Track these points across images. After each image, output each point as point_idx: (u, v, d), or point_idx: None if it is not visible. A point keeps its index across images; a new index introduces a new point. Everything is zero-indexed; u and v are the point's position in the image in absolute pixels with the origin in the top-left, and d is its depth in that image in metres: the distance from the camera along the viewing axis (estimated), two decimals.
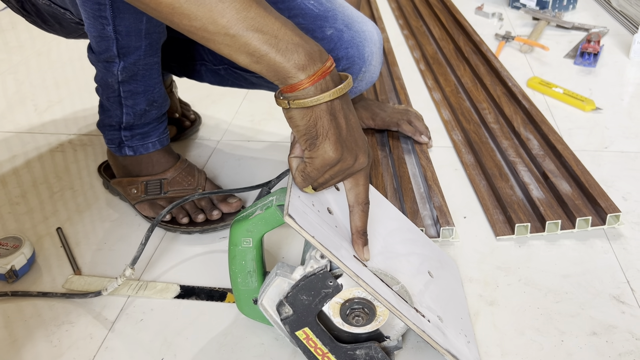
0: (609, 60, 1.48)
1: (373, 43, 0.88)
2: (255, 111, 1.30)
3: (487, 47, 1.48)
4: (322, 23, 0.85)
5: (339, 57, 0.86)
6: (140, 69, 0.82)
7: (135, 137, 0.91)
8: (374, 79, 0.93)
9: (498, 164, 1.04)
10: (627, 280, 0.81)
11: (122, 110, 0.87)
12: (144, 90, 0.86)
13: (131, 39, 0.77)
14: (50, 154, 1.16)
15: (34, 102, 1.37)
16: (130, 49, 0.79)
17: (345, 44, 0.85)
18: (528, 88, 1.34)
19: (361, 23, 0.88)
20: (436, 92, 1.34)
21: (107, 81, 0.84)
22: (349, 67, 0.87)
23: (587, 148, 1.11)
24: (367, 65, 0.88)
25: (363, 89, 0.93)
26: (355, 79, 0.89)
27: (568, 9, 1.81)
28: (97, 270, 0.86)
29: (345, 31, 0.86)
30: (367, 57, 0.87)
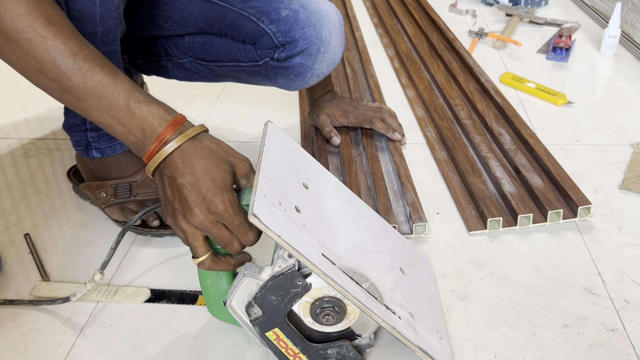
0: (581, 55, 1.49)
1: (331, 23, 0.87)
2: (229, 112, 1.29)
3: (460, 44, 1.49)
4: (277, 4, 0.85)
5: (296, 38, 0.85)
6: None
7: (102, 138, 0.89)
8: (335, 60, 0.91)
9: (471, 160, 1.04)
10: (598, 271, 0.82)
11: None
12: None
13: (86, 25, 0.75)
14: (17, 159, 1.14)
15: (2, 107, 1.34)
16: (86, 36, 0.76)
17: (302, 24, 0.85)
18: (501, 83, 1.35)
19: (318, 3, 0.87)
20: (410, 90, 1.34)
21: None
22: (307, 47, 0.86)
23: (559, 142, 1.12)
24: (325, 45, 0.87)
25: (325, 71, 0.91)
26: (315, 60, 0.88)
27: (540, 5, 1.82)
28: (66, 276, 0.84)
29: (301, 11, 0.85)
30: (324, 36, 0.86)
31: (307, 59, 0.87)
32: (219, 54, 0.93)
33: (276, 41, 0.86)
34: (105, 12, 0.75)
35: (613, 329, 0.73)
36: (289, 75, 0.89)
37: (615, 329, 0.73)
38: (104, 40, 0.78)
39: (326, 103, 1.10)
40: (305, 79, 0.90)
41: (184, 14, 0.91)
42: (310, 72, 0.89)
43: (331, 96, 1.11)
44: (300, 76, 0.89)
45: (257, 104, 1.31)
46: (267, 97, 1.34)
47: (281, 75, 0.90)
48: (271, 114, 1.27)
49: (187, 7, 0.90)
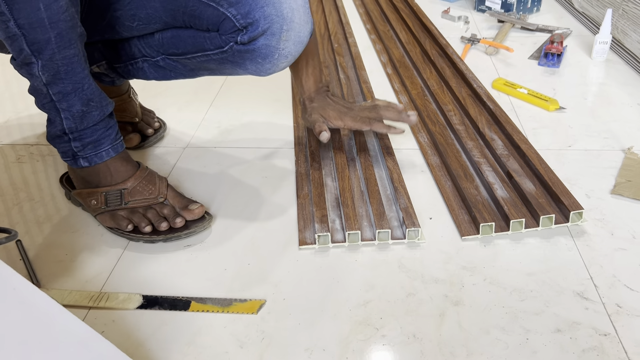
0: (572, 61, 1.50)
1: (293, 0, 0.86)
2: (222, 117, 1.29)
3: (452, 50, 1.50)
4: None
5: (257, 18, 0.83)
6: (59, 65, 0.80)
7: (87, 147, 0.89)
8: (302, 38, 0.89)
9: (463, 165, 1.04)
10: (590, 276, 0.82)
11: (60, 115, 0.85)
12: (73, 89, 0.84)
13: (37, 32, 0.76)
14: (9, 165, 1.13)
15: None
16: (41, 43, 0.77)
17: (261, 3, 0.83)
18: (493, 89, 1.36)
19: None
20: (403, 95, 1.35)
21: (36, 87, 0.83)
22: (269, 27, 0.84)
23: (551, 147, 1.13)
24: (288, 22, 0.85)
25: (293, 51, 0.89)
26: (279, 39, 0.86)
27: (532, 12, 1.83)
28: (58, 283, 0.84)
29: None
30: (286, 14, 0.84)
31: (271, 39, 0.85)
32: (187, 45, 0.93)
33: (237, 24, 0.84)
34: (53, 16, 0.76)
35: (605, 334, 0.73)
36: (256, 59, 0.88)
37: (608, 334, 0.73)
38: (59, 46, 0.79)
39: (319, 103, 1.06)
40: (273, 60, 0.88)
41: (148, 11, 0.91)
42: (276, 52, 0.87)
43: (324, 95, 1.07)
44: (267, 58, 0.87)
45: (250, 109, 1.31)
46: (261, 102, 1.34)
47: (249, 60, 0.88)
48: (264, 119, 1.27)
49: (149, 3, 0.90)
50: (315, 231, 0.90)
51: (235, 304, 0.78)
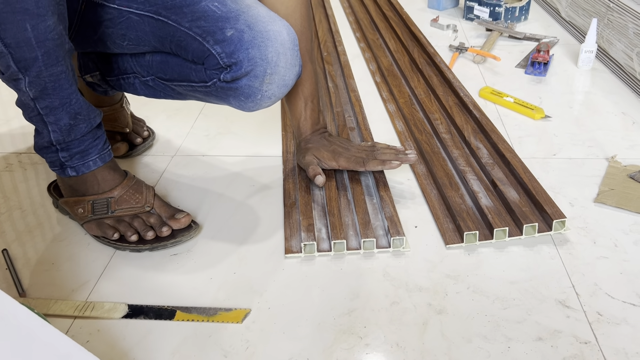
0: (559, 69, 1.52)
1: (279, 43, 0.85)
2: (211, 125, 1.29)
3: (440, 59, 1.51)
4: (223, 24, 0.83)
5: (240, 59, 0.82)
6: (47, 81, 0.81)
7: (75, 157, 0.89)
8: (287, 81, 0.89)
9: (449, 173, 1.05)
10: (572, 284, 0.83)
11: (48, 128, 0.86)
12: (60, 104, 0.84)
13: (23, 51, 0.76)
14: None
15: None
16: (27, 61, 0.78)
17: (246, 44, 0.82)
18: (480, 98, 1.37)
19: (266, 23, 0.84)
20: (391, 104, 1.36)
21: (23, 101, 0.83)
22: (252, 69, 0.83)
23: (536, 155, 1.14)
24: (272, 66, 0.84)
25: (277, 93, 0.89)
26: (262, 82, 0.85)
27: (520, 20, 1.85)
28: (44, 292, 0.84)
29: (247, 31, 0.83)
30: (270, 57, 0.84)
31: (254, 81, 0.85)
32: (174, 73, 0.93)
33: (221, 62, 0.84)
34: (40, 36, 0.76)
35: (586, 342, 0.74)
36: (239, 97, 0.87)
37: (588, 342, 0.74)
38: (46, 64, 0.79)
39: (314, 144, 1.03)
40: (255, 100, 0.87)
41: (138, 33, 0.90)
42: (259, 94, 0.86)
43: (320, 136, 1.04)
44: (250, 97, 0.87)
45: (239, 117, 1.32)
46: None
47: (232, 97, 0.88)
48: (253, 128, 1.28)
49: (140, 26, 0.90)
50: (301, 240, 0.91)
51: (220, 313, 0.79)
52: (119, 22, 0.91)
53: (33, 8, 0.74)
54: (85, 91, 1.09)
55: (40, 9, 0.74)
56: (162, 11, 0.87)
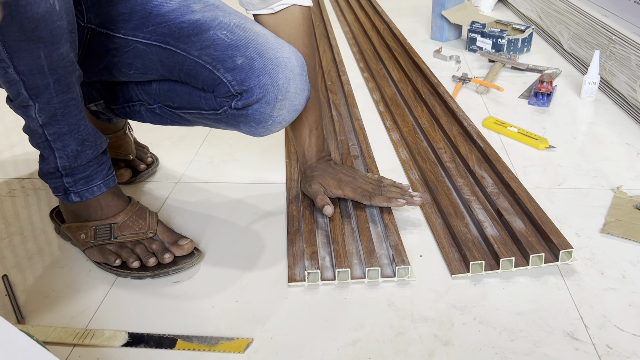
0: (562, 100, 1.52)
1: (289, 69, 0.85)
2: (215, 152, 1.29)
3: (444, 89, 1.52)
4: (233, 52, 0.83)
5: (252, 86, 0.83)
6: (57, 108, 0.81)
7: (79, 183, 0.89)
8: (297, 106, 0.89)
9: (454, 202, 1.04)
10: (580, 316, 0.81)
11: (55, 154, 0.86)
12: (69, 130, 0.84)
13: (36, 78, 0.76)
14: (1, 198, 1.13)
15: None
16: (39, 88, 0.78)
17: (257, 72, 0.83)
18: (484, 128, 1.37)
19: (276, 50, 0.85)
20: (394, 133, 1.36)
21: (31, 127, 0.83)
22: (263, 95, 0.84)
23: (541, 185, 1.13)
24: (283, 92, 0.85)
25: (287, 118, 0.89)
26: (274, 107, 0.85)
27: (523, 52, 1.87)
28: (43, 319, 0.83)
29: (257, 59, 0.83)
30: (281, 84, 0.84)
31: (265, 107, 0.85)
32: (183, 101, 0.93)
33: (232, 90, 0.84)
34: (53, 63, 0.76)
35: None
36: (249, 123, 0.87)
37: None
38: (58, 90, 0.79)
39: (320, 172, 1.03)
40: (266, 126, 0.88)
41: (145, 62, 0.91)
42: (270, 119, 0.87)
43: (325, 164, 1.04)
44: (261, 123, 0.87)
45: (243, 145, 1.32)
46: (254, 138, 1.35)
47: (242, 123, 0.88)
48: (257, 155, 1.28)
49: (147, 55, 0.90)
50: (305, 268, 0.89)
51: (222, 343, 0.78)
52: (125, 51, 0.91)
53: (48, 36, 0.74)
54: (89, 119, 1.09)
55: (54, 37, 0.75)
56: (169, 40, 0.88)
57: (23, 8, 0.69)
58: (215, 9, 0.91)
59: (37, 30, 0.72)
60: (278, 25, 0.96)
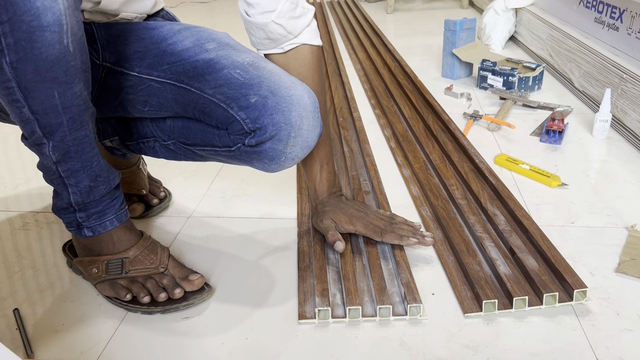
0: (574, 138, 1.52)
1: (302, 107, 0.87)
2: (227, 187, 1.30)
3: (455, 126, 1.53)
4: (247, 91, 0.85)
5: (265, 124, 0.84)
6: (70, 145, 0.82)
7: (92, 217, 0.90)
8: (309, 142, 0.90)
9: (466, 240, 1.04)
10: (596, 358, 0.80)
11: (68, 190, 0.87)
12: (82, 167, 0.85)
13: (50, 117, 0.78)
14: (15, 232, 1.14)
15: (3, 179, 1.36)
16: (53, 126, 0.79)
17: (270, 110, 0.84)
18: (495, 165, 1.37)
19: (288, 88, 0.87)
20: (406, 169, 1.36)
21: (45, 164, 0.84)
22: (276, 133, 0.85)
23: (554, 223, 1.12)
24: (296, 130, 0.86)
25: (300, 154, 0.90)
26: (286, 144, 0.87)
27: (534, 89, 1.88)
28: (52, 353, 0.82)
29: (270, 97, 0.84)
30: (294, 121, 0.86)
31: (278, 144, 0.86)
32: (197, 138, 0.94)
33: (246, 127, 0.85)
34: (66, 102, 0.78)
35: None
36: (263, 160, 0.88)
37: None
38: (71, 128, 0.80)
39: (331, 207, 1.03)
40: (279, 162, 0.89)
41: (160, 99, 0.92)
42: (283, 156, 0.88)
43: (337, 199, 1.05)
44: (274, 160, 0.88)
45: (255, 179, 1.33)
46: (266, 173, 1.35)
47: (256, 160, 0.89)
48: (269, 190, 1.28)
49: (162, 93, 0.92)
50: (315, 305, 0.89)
51: None
52: (140, 89, 0.93)
53: (62, 77, 0.75)
54: (103, 154, 1.11)
55: (68, 77, 0.76)
56: (184, 78, 0.89)
57: (38, 50, 0.71)
58: (228, 47, 0.93)
59: (51, 71, 0.74)
60: (288, 64, 0.98)
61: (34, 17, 0.69)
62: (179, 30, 0.95)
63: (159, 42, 0.93)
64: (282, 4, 0.93)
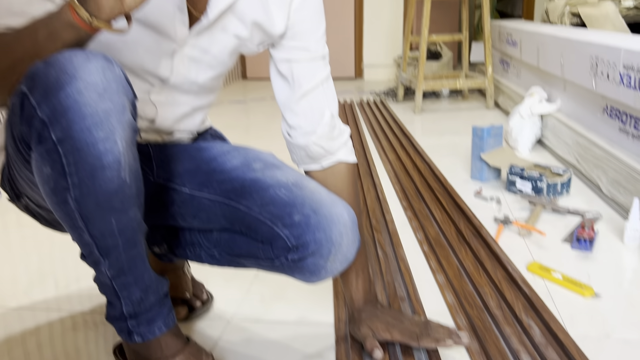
0: (605, 246, 1.54)
1: (342, 224, 0.92)
2: (265, 290, 1.35)
3: (486, 231, 1.57)
4: (291, 210, 0.91)
5: (307, 241, 0.90)
6: (124, 263, 0.88)
7: (142, 325, 0.94)
8: (348, 257, 0.95)
9: (502, 352, 1.05)
10: None
11: (121, 301, 0.92)
12: (134, 281, 0.91)
13: (107, 240, 0.84)
14: (65, 332, 1.19)
15: (54, 278, 1.43)
16: (109, 248, 0.86)
17: (312, 228, 0.90)
18: (528, 272, 1.40)
19: (329, 206, 0.93)
20: (440, 274, 1.39)
21: (101, 280, 0.91)
22: (318, 249, 0.90)
23: (589, 335, 1.13)
24: (336, 247, 0.92)
25: (339, 268, 0.95)
26: (327, 260, 0.92)
27: (562, 194, 1.92)
28: None
29: (312, 216, 0.91)
30: (335, 239, 0.91)
31: (319, 260, 0.92)
32: (241, 250, 1.00)
33: (289, 244, 0.91)
34: (122, 226, 0.85)
35: None
36: (304, 273, 0.94)
37: None
38: (125, 248, 0.87)
39: (368, 314, 1.07)
40: (319, 275, 0.94)
41: (209, 214, 0.99)
42: (323, 270, 0.93)
43: (372, 306, 1.08)
44: (314, 273, 0.94)
45: (292, 282, 1.36)
46: None
47: (297, 272, 0.95)
48: (306, 293, 1.32)
49: (211, 209, 0.99)
50: None
51: None
52: (190, 205, 1.01)
53: (118, 205, 0.83)
54: (151, 258, 1.17)
55: (124, 205, 0.84)
56: (232, 196, 0.97)
57: (99, 186, 0.79)
58: (273, 167, 1.01)
59: (109, 202, 0.82)
60: (326, 179, 1.06)
61: (96, 159, 0.78)
62: (228, 151, 1.04)
63: (209, 161, 1.02)
64: (321, 127, 1.03)
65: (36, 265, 1.51)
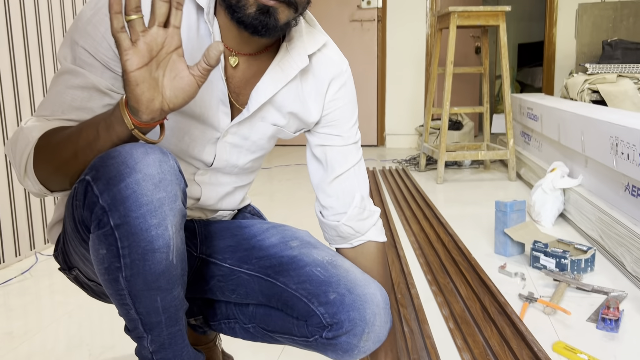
0: (630, 326, 1.55)
1: (375, 304, 0.96)
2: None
3: (511, 309, 1.58)
4: (327, 288, 0.96)
5: (342, 319, 0.93)
6: (165, 338, 0.92)
7: None
8: (381, 338, 0.98)
9: None
10: None
11: None
12: (173, 356, 0.95)
13: (151, 317, 0.89)
14: None
15: (89, 346, 1.47)
16: (153, 324, 0.90)
17: (347, 307, 0.94)
18: (553, 352, 1.40)
19: (363, 286, 0.97)
20: (466, 353, 1.41)
21: (142, 353, 0.95)
22: (352, 328, 0.94)
23: None
24: (369, 326, 0.95)
25: (372, 348, 0.98)
26: (360, 339, 0.95)
27: (586, 271, 1.93)
28: None
29: (347, 295, 0.95)
30: (368, 318, 0.95)
31: (353, 339, 0.95)
32: (277, 326, 1.04)
33: (324, 321, 0.95)
34: (166, 305, 0.90)
35: None
36: (337, 351, 0.97)
37: None
38: (168, 325, 0.91)
39: None
40: (352, 354, 0.97)
41: (247, 289, 1.04)
42: (356, 349, 0.96)
43: None
44: (347, 352, 0.97)
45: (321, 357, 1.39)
46: None
47: (330, 350, 0.98)
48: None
49: (249, 284, 1.04)
50: None
51: None
52: (230, 279, 1.06)
53: (165, 285, 0.89)
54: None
55: (170, 285, 0.89)
56: (270, 273, 1.02)
57: (148, 267, 0.85)
58: (309, 246, 1.06)
59: (157, 282, 0.87)
60: (357, 257, 1.11)
61: (148, 243, 0.84)
62: (267, 229, 1.10)
63: (249, 238, 1.08)
64: (352, 209, 1.08)
65: (71, 333, 1.55)
